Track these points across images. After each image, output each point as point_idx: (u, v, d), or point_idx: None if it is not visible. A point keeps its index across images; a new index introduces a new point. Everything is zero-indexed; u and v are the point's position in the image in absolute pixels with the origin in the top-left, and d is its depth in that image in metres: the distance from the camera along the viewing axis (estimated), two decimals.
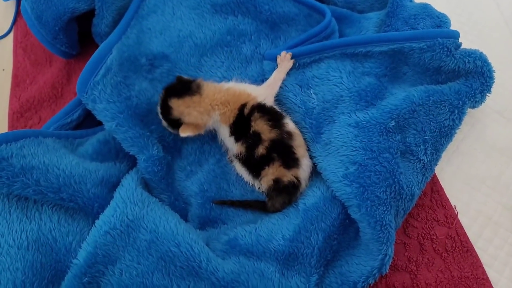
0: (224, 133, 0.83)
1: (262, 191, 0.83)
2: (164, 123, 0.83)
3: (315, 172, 0.84)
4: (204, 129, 0.83)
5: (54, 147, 0.78)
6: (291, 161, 0.80)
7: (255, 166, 0.81)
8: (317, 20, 0.98)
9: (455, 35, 0.87)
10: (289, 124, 0.82)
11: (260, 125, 0.80)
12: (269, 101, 0.84)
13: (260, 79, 0.93)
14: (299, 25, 0.99)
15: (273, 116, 0.81)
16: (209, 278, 0.70)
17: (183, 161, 0.89)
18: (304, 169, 0.81)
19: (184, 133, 0.80)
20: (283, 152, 0.80)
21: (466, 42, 0.91)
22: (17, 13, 1.17)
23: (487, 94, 0.88)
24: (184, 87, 0.82)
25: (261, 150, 0.79)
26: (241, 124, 0.81)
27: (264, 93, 0.84)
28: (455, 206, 0.88)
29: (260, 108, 0.81)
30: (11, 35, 1.16)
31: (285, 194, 0.80)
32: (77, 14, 0.96)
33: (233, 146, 0.83)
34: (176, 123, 0.81)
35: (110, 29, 0.98)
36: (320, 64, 0.90)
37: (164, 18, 0.96)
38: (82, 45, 1.07)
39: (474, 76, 0.87)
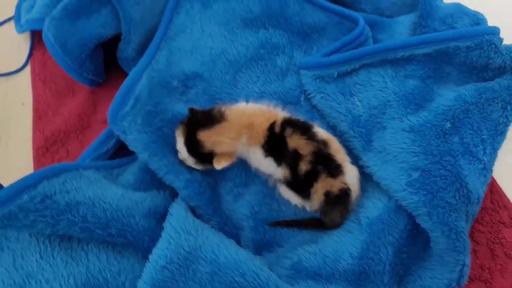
0: (258, 157, 0.77)
1: (315, 209, 0.78)
2: (191, 161, 0.76)
3: (372, 182, 0.79)
4: (236, 156, 0.77)
5: (95, 179, 0.73)
6: (334, 169, 0.75)
7: (302, 186, 0.76)
8: (349, 27, 0.96)
9: (498, 31, 0.85)
10: (320, 132, 0.77)
11: (295, 141, 0.75)
12: None
13: (298, 91, 0.89)
14: (331, 34, 0.96)
15: (303, 128, 0.76)
16: None
17: (229, 184, 0.83)
18: (350, 174, 0.76)
19: (220, 165, 0.74)
20: (325, 162, 0.74)
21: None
22: (33, 45, 1.13)
23: None
24: (207, 117, 0.76)
25: (304, 167, 0.74)
26: (275, 144, 0.76)
27: None
28: None
29: (289, 122, 0.77)
30: (28, 68, 1.11)
31: (339, 205, 0.75)
32: (103, 40, 0.93)
33: (275, 171, 0.77)
34: (208, 157, 0.75)
35: (137, 53, 0.95)
36: (359, 71, 0.87)
37: (193, 37, 0.92)
38: (107, 72, 1.03)
39: None
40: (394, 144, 0.77)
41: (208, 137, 0.74)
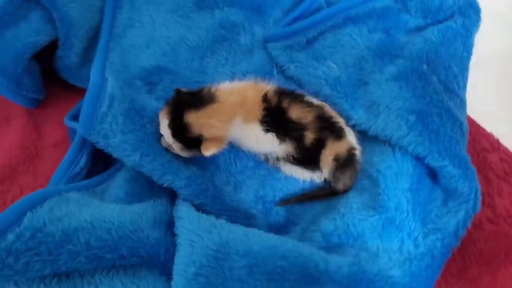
0: (256, 135, 0.71)
1: (325, 179, 0.75)
2: (176, 146, 0.68)
3: (368, 139, 0.79)
4: (226, 141, 0.70)
5: (85, 201, 0.61)
6: (338, 131, 0.73)
7: (309, 157, 0.72)
8: None
9: None
10: (311, 98, 0.75)
11: (296, 111, 0.71)
12: None
13: (269, 65, 0.86)
14: (284, 5, 0.94)
15: (298, 96, 0.74)
16: (333, 279, 0.60)
17: (224, 174, 0.76)
18: (351, 134, 0.75)
19: (208, 151, 0.65)
20: (329, 127, 0.73)
21: None
22: None
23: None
24: (195, 98, 0.68)
25: (310, 136, 0.71)
26: (275, 117, 0.71)
27: None
28: (491, 131, 0.89)
29: (283, 92, 0.74)
30: None
31: (349, 167, 0.73)
32: (38, 49, 0.80)
33: (276, 149, 0.73)
34: (195, 142, 0.67)
35: (82, 59, 0.84)
36: (326, 34, 0.86)
37: (145, 30, 0.84)
38: None
39: (468, 9, 0.90)
40: (383, 95, 0.77)
41: (196, 120, 0.66)
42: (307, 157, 0.72)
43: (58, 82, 0.89)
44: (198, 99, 0.68)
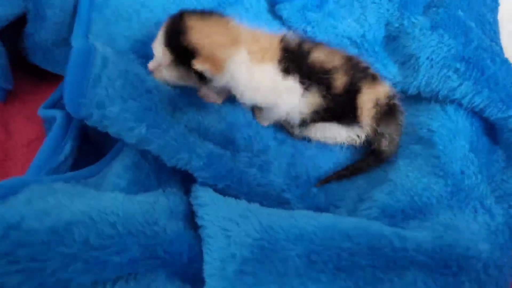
0: (271, 80, 0.57)
1: (367, 135, 0.62)
2: (166, 58, 0.55)
3: (407, 101, 0.67)
4: (223, 71, 0.55)
5: (77, 191, 0.46)
6: (372, 74, 0.62)
7: (344, 107, 0.60)
8: None
9: None
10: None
11: (321, 53, 0.59)
12: None
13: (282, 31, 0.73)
14: None
15: (320, 42, 0.62)
16: (415, 260, 0.46)
17: (245, 154, 0.61)
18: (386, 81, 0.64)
19: (200, 64, 0.52)
20: (362, 69, 0.61)
21: None
22: None
23: None
24: (204, 12, 0.57)
25: (340, 79, 0.58)
26: (296, 59, 0.58)
27: None
28: None
29: (303, 39, 0.61)
30: None
31: (392, 117, 0.61)
32: (3, 25, 0.64)
33: (299, 102, 0.58)
34: (188, 56, 0.53)
35: (55, 36, 0.68)
36: None
37: None
38: None
39: None
40: (420, 46, 0.66)
41: (199, 27, 0.53)
42: (341, 108, 0.60)
43: (28, 72, 0.75)
44: (208, 13, 0.56)
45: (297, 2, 0.73)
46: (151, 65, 0.57)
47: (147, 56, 0.64)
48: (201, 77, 0.55)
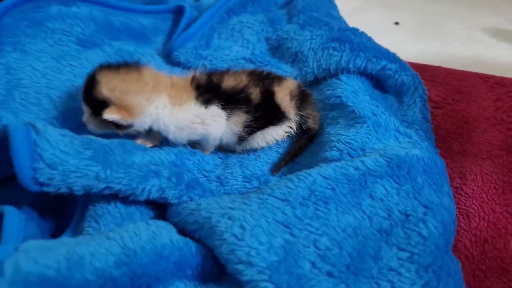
0: (195, 116, 0.63)
1: (296, 122, 0.71)
2: (87, 111, 0.60)
3: (309, 86, 0.80)
4: (137, 117, 0.60)
5: (52, 243, 0.44)
6: (277, 77, 0.72)
7: (268, 111, 0.68)
8: (174, 17, 0.97)
9: None
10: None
11: (229, 79, 0.67)
12: None
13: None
14: (164, 30, 0.94)
15: (224, 71, 0.71)
16: (377, 174, 0.55)
17: (202, 174, 0.66)
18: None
19: (110, 114, 0.57)
20: (266, 76, 0.71)
21: None
22: None
23: None
24: (119, 65, 0.63)
25: (255, 92, 0.67)
26: (211, 89, 0.65)
27: None
28: None
29: (210, 72, 0.70)
30: None
31: (307, 99, 0.72)
32: None
33: (226, 125, 0.66)
34: (101, 107, 0.58)
35: None
36: (218, 31, 0.89)
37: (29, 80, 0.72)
38: None
39: None
40: (300, 42, 0.82)
41: (108, 80, 0.59)
42: (267, 113, 0.68)
43: None
44: (122, 65, 0.62)
45: (188, 46, 0.84)
46: (83, 118, 0.61)
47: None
48: (117, 126, 0.60)
